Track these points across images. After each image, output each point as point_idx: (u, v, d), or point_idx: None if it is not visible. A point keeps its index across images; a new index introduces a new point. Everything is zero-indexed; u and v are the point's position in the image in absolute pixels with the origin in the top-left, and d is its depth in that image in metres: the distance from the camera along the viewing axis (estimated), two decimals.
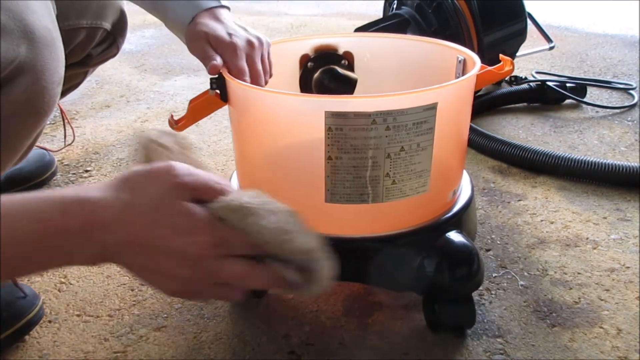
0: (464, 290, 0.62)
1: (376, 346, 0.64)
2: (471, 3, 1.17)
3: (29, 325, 0.66)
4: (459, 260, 0.60)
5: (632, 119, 1.24)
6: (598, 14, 2.31)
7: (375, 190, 0.57)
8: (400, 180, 0.57)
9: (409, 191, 0.58)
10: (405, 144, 0.55)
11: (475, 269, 0.60)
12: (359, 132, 0.53)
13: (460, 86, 0.60)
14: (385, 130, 0.53)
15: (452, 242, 0.61)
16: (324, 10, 2.72)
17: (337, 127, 0.53)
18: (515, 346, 0.63)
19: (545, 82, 1.32)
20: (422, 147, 0.56)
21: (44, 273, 0.79)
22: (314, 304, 0.71)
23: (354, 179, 0.56)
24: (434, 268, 0.60)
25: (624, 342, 0.63)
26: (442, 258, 0.60)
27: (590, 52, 1.74)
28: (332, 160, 0.55)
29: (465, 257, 0.60)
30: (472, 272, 0.60)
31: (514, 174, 1.03)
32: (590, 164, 0.96)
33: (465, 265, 0.60)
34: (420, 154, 0.57)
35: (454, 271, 0.60)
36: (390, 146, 0.55)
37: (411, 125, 0.54)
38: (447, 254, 0.60)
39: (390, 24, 1.25)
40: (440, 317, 0.63)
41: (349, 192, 0.57)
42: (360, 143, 0.54)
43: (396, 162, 0.56)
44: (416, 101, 0.54)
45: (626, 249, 0.80)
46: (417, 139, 0.56)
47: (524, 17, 1.29)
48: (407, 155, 0.56)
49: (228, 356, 0.63)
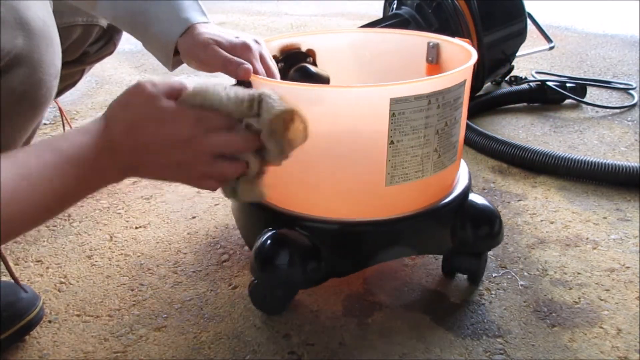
0: (486, 247, 0.72)
1: (376, 346, 0.64)
2: (471, 3, 1.17)
3: (30, 326, 0.66)
4: (483, 219, 0.70)
5: (632, 119, 1.24)
6: (598, 14, 2.31)
7: (425, 166, 0.61)
8: (444, 153, 0.62)
9: (447, 162, 0.64)
10: (448, 119, 0.61)
11: (497, 228, 0.70)
12: (417, 114, 0.57)
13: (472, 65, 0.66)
14: (437, 109, 0.58)
15: (477, 204, 0.70)
16: (324, 10, 2.72)
17: (400, 112, 0.56)
18: (515, 346, 0.63)
19: (545, 82, 1.32)
20: (457, 120, 0.63)
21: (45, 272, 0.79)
22: (314, 304, 0.71)
23: (411, 159, 0.60)
24: (463, 227, 0.68)
25: (624, 342, 0.63)
26: (469, 219, 0.68)
27: (590, 52, 1.74)
28: (394, 144, 0.58)
29: (489, 215, 0.70)
30: (495, 231, 0.70)
31: (514, 174, 1.03)
32: (590, 164, 0.96)
33: (487, 223, 0.70)
34: (456, 127, 0.63)
35: (478, 229, 0.69)
36: (440, 123, 0.60)
37: (452, 102, 0.60)
38: (474, 215, 0.69)
39: (390, 24, 1.25)
40: (459, 267, 0.73)
41: (406, 172, 0.60)
42: (418, 124, 0.58)
43: (442, 137, 0.61)
44: (455, 79, 0.60)
45: (626, 249, 0.80)
46: (455, 114, 0.61)
47: (524, 17, 1.29)
48: (448, 129, 0.61)
49: (228, 356, 0.63)
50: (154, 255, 0.83)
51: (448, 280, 0.75)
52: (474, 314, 0.69)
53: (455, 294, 0.72)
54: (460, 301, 0.71)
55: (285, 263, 0.62)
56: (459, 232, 0.68)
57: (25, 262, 0.82)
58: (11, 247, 0.86)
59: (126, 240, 0.87)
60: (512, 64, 1.35)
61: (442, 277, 0.76)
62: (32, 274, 0.79)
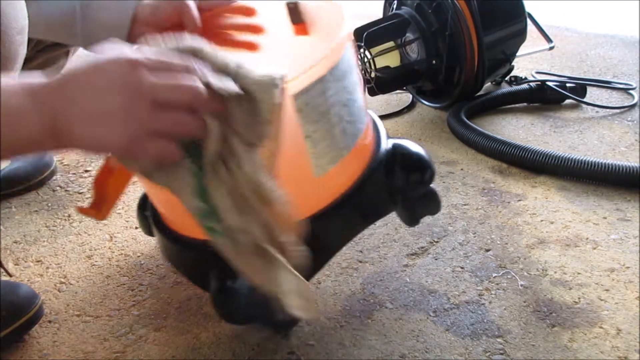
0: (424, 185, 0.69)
1: (376, 346, 0.64)
2: (471, 3, 1.17)
3: (29, 324, 0.66)
4: (412, 159, 0.68)
5: (632, 119, 1.24)
6: (598, 14, 2.31)
7: (345, 142, 0.58)
8: (356, 120, 0.59)
9: (362, 125, 0.61)
10: (349, 86, 0.57)
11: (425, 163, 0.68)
12: (320, 98, 0.53)
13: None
14: (336, 82, 0.54)
15: (404, 147, 0.68)
16: None
17: (305, 104, 0.52)
18: (515, 346, 0.63)
19: (545, 82, 1.32)
20: (355, 82, 0.59)
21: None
22: (314, 304, 0.71)
23: (331, 142, 0.56)
24: (400, 173, 0.66)
25: (623, 342, 0.63)
26: (399, 163, 0.66)
27: (590, 52, 1.74)
28: (311, 136, 0.54)
29: (414, 154, 0.68)
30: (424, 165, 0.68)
31: (514, 174, 1.03)
32: (590, 164, 0.96)
33: (417, 161, 0.68)
34: (357, 89, 0.59)
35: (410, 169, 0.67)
36: (341, 95, 0.56)
37: (347, 68, 0.57)
38: (404, 159, 0.67)
39: (390, 24, 1.25)
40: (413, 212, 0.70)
41: (332, 156, 0.57)
42: (324, 108, 0.54)
43: (349, 107, 0.57)
44: (340, 50, 0.56)
45: (626, 249, 0.80)
46: (352, 79, 0.58)
47: (524, 17, 1.28)
48: (352, 95, 0.58)
49: (228, 356, 0.63)
50: (154, 255, 0.82)
51: (448, 280, 0.75)
52: (474, 314, 0.69)
53: (455, 294, 0.72)
54: (459, 301, 0.71)
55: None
56: (396, 181, 0.66)
57: (25, 262, 0.82)
58: (11, 247, 0.86)
59: (126, 240, 0.87)
60: (512, 64, 1.35)
61: (442, 277, 0.76)
62: (32, 274, 0.79)
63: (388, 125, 1.28)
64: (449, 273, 0.76)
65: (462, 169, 1.05)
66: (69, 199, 1.00)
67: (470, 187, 0.99)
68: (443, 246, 0.83)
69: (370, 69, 1.26)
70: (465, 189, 0.98)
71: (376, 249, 0.82)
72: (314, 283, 0.75)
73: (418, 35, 1.23)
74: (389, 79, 1.28)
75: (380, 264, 0.79)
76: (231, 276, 0.56)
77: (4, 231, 0.91)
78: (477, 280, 0.75)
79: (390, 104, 1.41)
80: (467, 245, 0.82)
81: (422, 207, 0.70)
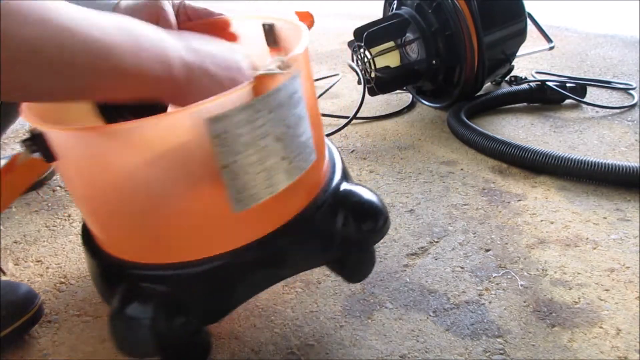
0: (373, 239, 0.63)
1: (376, 346, 0.64)
2: (471, 3, 1.17)
3: (29, 324, 0.66)
4: (365, 208, 0.61)
5: (632, 119, 1.24)
6: (598, 14, 2.31)
7: (276, 179, 0.52)
8: (295, 158, 0.53)
9: (304, 164, 0.54)
10: (288, 119, 0.51)
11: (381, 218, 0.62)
12: (245, 127, 0.48)
13: (305, 49, 0.56)
14: (269, 113, 0.49)
15: (353, 192, 0.61)
16: (324, 10, 2.72)
17: (224, 131, 0.47)
18: (515, 346, 0.63)
19: (545, 82, 1.32)
20: (300, 116, 0.53)
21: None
22: (314, 304, 0.71)
23: (256, 176, 0.50)
24: (345, 221, 0.59)
25: (623, 342, 0.63)
26: (350, 210, 0.60)
27: (590, 52, 1.74)
28: (228, 167, 0.48)
29: (369, 204, 0.62)
30: (379, 223, 0.62)
31: (514, 174, 1.03)
32: (590, 164, 0.96)
33: (370, 213, 0.61)
34: (302, 125, 0.53)
35: (361, 222, 0.61)
36: (277, 127, 0.50)
37: (288, 99, 0.51)
38: (353, 205, 0.60)
39: (390, 24, 1.26)
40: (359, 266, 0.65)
41: (255, 192, 0.51)
42: (249, 138, 0.48)
43: (286, 141, 0.51)
44: (285, 74, 0.50)
45: (626, 249, 0.80)
46: (295, 111, 0.52)
47: (524, 17, 1.28)
48: (293, 130, 0.52)
49: (228, 356, 0.63)
50: None
51: (448, 280, 0.75)
52: (474, 314, 0.69)
53: (455, 294, 0.72)
54: (459, 301, 0.71)
55: (148, 326, 0.51)
56: (342, 230, 0.59)
57: (25, 262, 0.82)
58: (11, 247, 0.86)
59: None
60: (512, 64, 1.35)
61: (442, 277, 0.76)
62: (32, 274, 0.79)
63: (388, 125, 1.28)
64: (449, 273, 0.76)
65: (462, 169, 1.05)
66: (69, 199, 1.00)
67: (470, 187, 0.99)
68: (443, 246, 0.83)
69: (370, 69, 1.26)
70: (465, 189, 0.98)
71: (376, 249, 0.82)
72: (313, 283, 0.75)
73: (418, 35, 1.23)
74: (389, 79, 1.28)
75: (380, 264, 0.79)
76: (138, 300, 0.52)
77: (4, 231, 0.91)
78: (477, 280, 0.75)
79: (390, 104, 1.41)
80: (467, 245, 0.82)
81: (367, 262, 0.65)
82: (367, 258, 0.65)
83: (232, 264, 0.53)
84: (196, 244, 0.53)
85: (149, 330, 0.51)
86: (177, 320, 0.52)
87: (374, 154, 1.14)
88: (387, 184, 1.02)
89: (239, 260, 0.53)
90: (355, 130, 1.27)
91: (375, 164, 1.10)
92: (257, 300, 0.72)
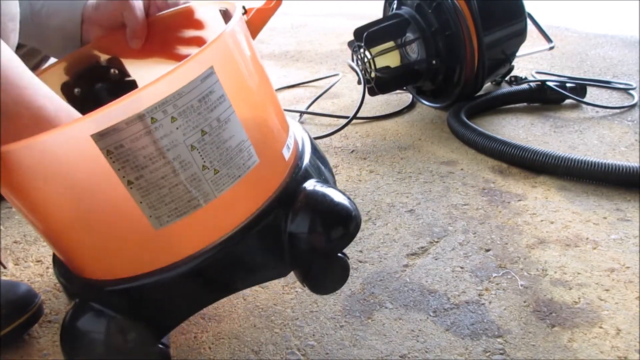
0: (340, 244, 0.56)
1: (376, 346, 0.64)
2: (471, 3, 1.17)
3: (29, 323, 0.66)
4: (331, 212, 0.55)
5: (632, 119, 1.24)
6: (598, 14, 2.31)
7: (201, 189, 0.47)
8: (223, 165, 0.48)
9: (238, 171, 0.49)
10: (203, 125, 0.46)
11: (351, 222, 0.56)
12: (144, 139, 0.44)
13: (231, 37, 0.50)
14: (172, 122, 0.44)
15: (320, 194, 0.55)
16: (324, 10, 2.72)
17: (117, 146, 0.43)
18: (515, 346, 0.63)
19: (545, 82, 1.32)
20: (223, 119, 0.48)
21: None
22: (314, 304, 0.71)
23: (171, 191, 0.46)
24: (306, 228, 0.53)
25: (623, 342, 0.63)
26: (313, 214, 0.54)
27: (590, 52, 1.74)
28: (134, 183, 0.45)
29: (335, 207, 0.55)
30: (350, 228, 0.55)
31: (514, 174, 1.03)
32: (590, 164, 0.96)
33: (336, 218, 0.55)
34: (226, 128, 0.48)
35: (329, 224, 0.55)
36: (191, 135, 0.46)
37: (198, 104, 0.46)
38: (316, 209, 0.54)
39: (390, 24, 1.25)
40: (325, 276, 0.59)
41: (175, 207, 0.47)
42: (151, 150, 0.44)
43: (205, 150, 0.47)
44: (188, 75, 0.45)
45: (626, 249, 0.80)
46: (212, 115, 0.47)
47: (524, 17, 1.28)
48: (213, 136, 0.47)
49: (228, 356, 0.63)
50: None
51: (448, 280, 0.75)
52: (474, 313, 0.69)
53: (455, 294, 0.72)
54: (459, 301, 0.71)
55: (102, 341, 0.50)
56: (307, 237, 0.53)
57: (25, 262, 0.82)
58: (11, 247, 0.86)
59: None
60: (512, 64, 1.35)
61: (442, 277, 0.76)
62: (32, 274, 0.79)
63: (388, 125, 1.28)
64: (449, 273, 0.76)
65: (462, 169, 1.05)
66: None
67: (470, 187, 0.99)
68: (443, 246, 0.83)
69: (370, 69, 1.26)
70: (465, 189, 0.98)
71: (376, 249, 0.82)
72: None
73: (418, 35, 1.23)
74: (389, 79, 1.28)
75: (380, 264, 0.79)
76: (94, 314, 0.50)
77: (4, 231, 0.91)
78: (477, 280, 0.75)
79: (390, 104, 1.41)
80: (467, 245, 0.82)
81: (336, 271, 0.59)
82: (337, 266, 0.59)
83: (167, 279, 0.49)
84: (128, 261, 0.50)
85: (102, 349, 0.50)
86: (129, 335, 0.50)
87: (374, 154, 1.14)
88: (387, 184, 1.02)
89: (175, 275, 0.49)
90: (355, 130, 1.27)
91: (375, 164, 1.10)
92: (257, 300, 0.72)
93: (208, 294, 0.54)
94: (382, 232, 0.87)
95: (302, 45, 2.07)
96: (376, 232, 0.87)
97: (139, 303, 0.51)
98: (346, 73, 1.63)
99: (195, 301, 0.54)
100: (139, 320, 0.51)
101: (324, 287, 0.59)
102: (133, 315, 0.51)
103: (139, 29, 0.64)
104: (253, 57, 0.54)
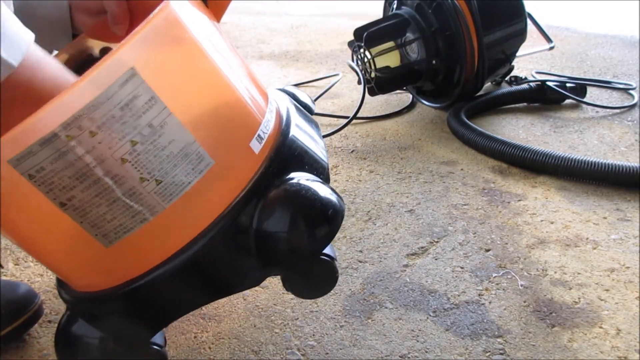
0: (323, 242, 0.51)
1: (376, 346, 0.64)
2: (471, 3, 1.17)
3: (29, 323, 0.66)
4: (313, 207, 0.49)
5: (632, 119, 1.24)
6: (598, 14, 2.31)
7: (146, 202, 0.43)
8: (166, 174, 0.44)
9: (188, 177, 0.45)
10: (132, 135, 0.42)
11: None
12: (64, 160, 0.40)
13: (153, 31, 0.43)
14: (92, 137, 0.40)
15: (304, 187, 0.49)
16: (324, 10, 2.72)
17: (37, 169, 0.40)
18: (515, 346, 0.63)
19: (545, 82, 1.32)
20: (157, 125, 0.43)
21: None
22: (314, 304, 0.71)
23: (111, 206, 0.43)
24: (285, 226, 0.48)
25: (623, 342, 0.63)
26: (293, 210, 0.49)
27: (590, 52, 1.74)
28: (67, 204, 0.42)
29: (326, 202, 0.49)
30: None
31: (514, 174, 1.03)
32: (590, 164, 0.96)
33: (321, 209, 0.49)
34: (162, 134, 0.43)
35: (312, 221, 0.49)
36: (118, 148, 0.41)
37: (120, 112, 0.41)
38: (296, 203, 0.49)
39: (390, 24, 1.26)
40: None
41: (119, 223, 0.44)
42: (74, 170, 0.41)
43: (139, 161, 0.42)
44: (102, 83, 0.40)
45: (626, 249, 0.80)
46: (141, 122, 0.42)
47: (524, 17, 1.29)
48: (147, 145, 0.42)
49: (228, 356, 0.63)
50: None
51: (448, 280, 0.75)
52: (474, 313, 0.69)
53: (455, 294, 0.72)
54: (459, 301, 0.71)
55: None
56: (287, 237, 0.48)
57: (25, 262, 0.82)
58: (11, 247, 0.86)
59: None
60: (512, 64, 1.35)
61: (442, 277, 0.76)
62: (32, 274, 0.79)
63: (388, 125, 1.28)
64: (449, 273, 0.76)
65: (462, 169, 1.05)
66: None
67: (470, 187, 0.99)
68: (443, 246, 0.83)
69: (370, 69, 1.26)
70: (465, 189, 0.98)
71: (376, 249, 0.82)
72: None
73: (418, 35, 1.23)
74: (389, 79, 1.28)
75: (380, 264, 0.79)
76: (88, 320, 0.49)
77: None
78: (477, 280, 0.75)
79: (390, 104, 1.41)
80: (467, 245, 0.82)
81: (322, 273, 0.54)
82: (321, 269, 0.54)
83: (145, 285, 0.46)
84: (95, 275, 0.48)
85: (97, 354, 0.49)
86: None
87: (374, 154, 1.14)
88: (387, 184, 1.02)
89: (154, 279, 0.46)
90: (355, 130, 1.27)
91: (375, 164, 1.10)
92: (257, 300, 0.72)
93: (177, 305, 0.51)
94: (382, 232, 0.87)
95: (302, 45, 2.07)
96: (376, 232, 0.87)
97: (125, 312, 0.49)
98: (346, 73, 1.63)
99: (169, 311, 0.51)
100: (121, 331, 0.49)
101: (309, 292, 0.56)
102: (114, 327, 0.49)
103: (119, 15, 0.62)
104: (210, 39, 0.48)
